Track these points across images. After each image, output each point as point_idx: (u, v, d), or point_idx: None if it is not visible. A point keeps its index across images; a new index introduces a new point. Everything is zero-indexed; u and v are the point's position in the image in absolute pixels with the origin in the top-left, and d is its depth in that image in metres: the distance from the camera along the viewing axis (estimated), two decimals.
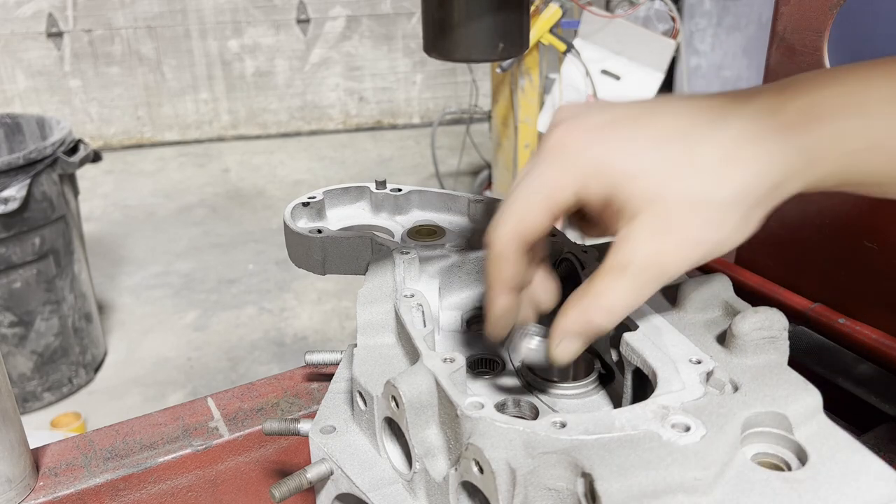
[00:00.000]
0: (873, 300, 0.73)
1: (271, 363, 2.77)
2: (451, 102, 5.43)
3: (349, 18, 5.27)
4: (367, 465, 0.52)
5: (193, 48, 5.10)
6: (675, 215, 0.41)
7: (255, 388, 0.74)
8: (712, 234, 0.41)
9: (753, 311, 0.50)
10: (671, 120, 0.43)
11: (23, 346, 2.45)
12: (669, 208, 0.41)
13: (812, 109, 0.41)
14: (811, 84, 0.43)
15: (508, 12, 0.43)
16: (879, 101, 0.41)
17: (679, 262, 0.42)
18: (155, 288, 3.34)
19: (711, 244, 0.42)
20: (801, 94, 0.42)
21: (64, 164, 2.35)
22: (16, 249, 2.31)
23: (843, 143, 0.41)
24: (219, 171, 4.77)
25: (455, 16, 0.42)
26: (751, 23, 4.25)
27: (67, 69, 4.94)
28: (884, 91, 0.41)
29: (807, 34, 0.75)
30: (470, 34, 0.47)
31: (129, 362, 2.81)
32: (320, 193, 0.77)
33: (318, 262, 0.70)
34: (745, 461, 0.42)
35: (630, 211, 0.41)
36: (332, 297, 3.19)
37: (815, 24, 0.73)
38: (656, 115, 0.43)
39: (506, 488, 0.42)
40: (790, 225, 0.81)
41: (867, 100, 0.41)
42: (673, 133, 0.42)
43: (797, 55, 0.76)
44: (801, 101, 0.42)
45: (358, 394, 0.54)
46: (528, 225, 0.44)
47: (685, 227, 0.41)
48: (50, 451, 0.66)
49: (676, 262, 0.42)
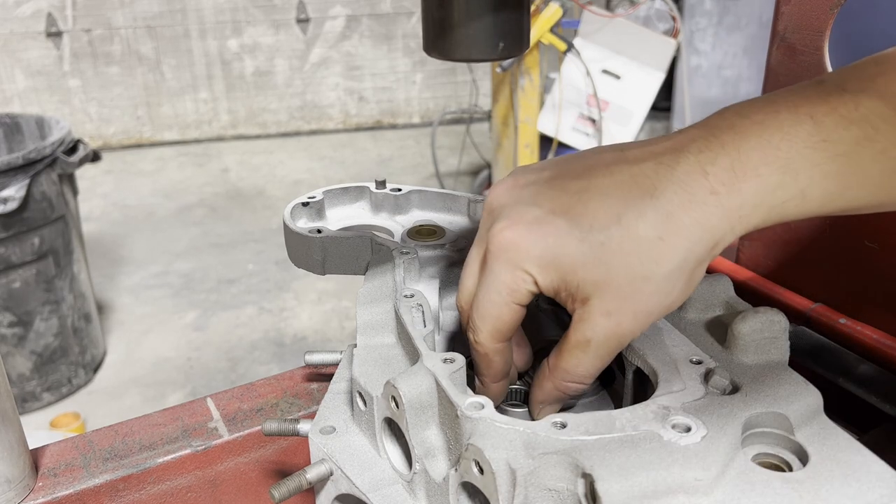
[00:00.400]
0: (874, 300, 0.73)
1: (271, 363, 2.77)
2: (451, 102, 5.43)
3: (349, 18, 5.27)
4: (366, 466, 0.52)
5: (193, 48, 5.10)
6: (622, 295, 0.44)
7: (254, 388, 0.74)
8: (660, 302, 0.44)
9: (754, 311, 0.50)
10: (603, 203, 0.44)
11: (22, 347, 2.45)
12: (616, 291, 0.44)
13: (737, 168, 0.42)
14: (735, 133, 0.43)
15: (509, 12, 0.43)
16: (800, 151, 0.41)
17: (635, 331, 0.45)
18: (154, 288, 3.34)
19: (662, 309, 0.45)
20: (726, 150, 0.42)
21: (63, 164, 2.35)
22: (15, 249, 2.31)
23: (770, 198, 0.42)
24: (218, 171, 4.77)
25: (455, 15, 0.42)
26: (751, 22, 4.25)
27: (67, 69, 4.94)
28: (803, 139, 0.41)
29: (807, 34, 0.74)
30: (470, 33, 0.47)
31: (129, 362, 2.81)
32: (320, 193, 0.76)
33: (318, 262, 0.70)
34: (745, 462, 0.42)
35: (582, 296, 0.45)
36: (331, 297, 3.19)
37: (815, 23, 0.73)
38: (588, 198, 0.45)
39: (506, 489, 0.42)
40: (791, 225, 0.81)
41: (789, 152, 0.41)
42: (607, 218, 0.44)
43: (798, 55, 0.76)
44: (727, 159, 0.42)
45: (358, 394, 0.54)
46: (503, 323, 0.48)
47: (634, 303, 0.44)
48: (49, 452, 0.66)
49: (632, 331, 0.45)
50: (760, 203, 0.42)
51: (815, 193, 0.42)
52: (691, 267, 0.44)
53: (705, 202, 0.42)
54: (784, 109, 0.42)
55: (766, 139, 0.42)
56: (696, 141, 0.44)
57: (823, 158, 0.41)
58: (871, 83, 0.42)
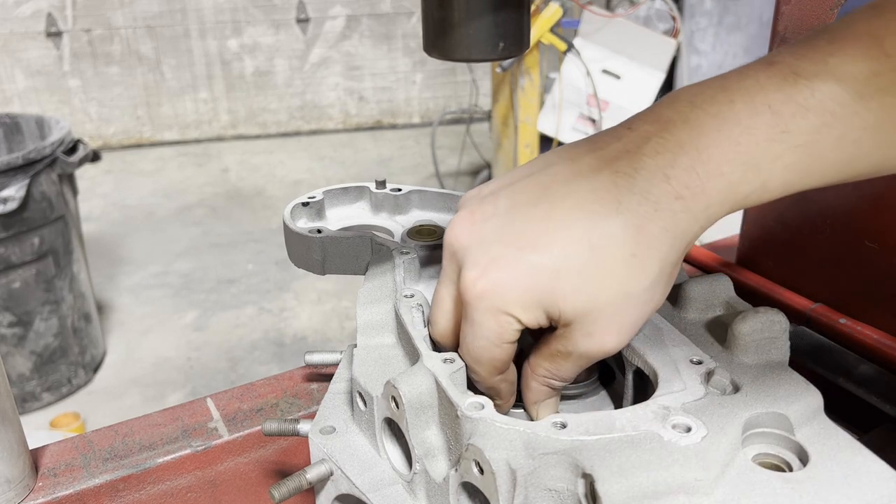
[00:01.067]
0: (874, 300, 0.73)
1: (271, 363, 2.77)
2: (451, 102, 5.43)
3: (349, 18, 5.27)
4: (366, 466, 0.52)
5: (193, 48, 5.10)
6: (604, 317, 0.44)
7: (254, 388, 0.74)
8: (643, 312, 0.45)
9: (754, 311, 0.50)
10: (570, 231, 0.43)
11: (22, 347, 2.44)
12: (597, 315, 0.44)
13: (698, 168, 0.41)
14: (691, 128, 0.41)
15: (509, 11, 0.43)
16: (759, 144, 0.41)
17: (619, 344, 0.46)
18: (154, 288, 3.34)
19: (645, 317, 0.45)
20: (684, 148, 0.41)
21: (63, 164, 2.35)
22: (15, 249, 2.31)
23: (734, 194, 0.42)
24: (218, 171, 4.77)
25: (455, 15, 0.42)
26: (752, 22, 4.25)
27: (67, 69, 4.94)
28: (763, 131, 0.40)
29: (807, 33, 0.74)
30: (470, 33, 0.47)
31: (129, 362, 2.81)
32: (320, 193, 0.76)
33: (318, 261, 0.70)
34: (745, 462, 0.42)
35: (564, 320, 0.45)
36: (331, 297, 3.19)
37: (815, 23, 0.73)
38: (554, 226, 0.43)
39: (506, 489, 0.42)
40: (791, 225, 0.81)
41: (748, 147, 0.41)
42: (577, 246, 0.43)
43: None
44: (686, 160, 0.41)
45: (358, 394, 0.54)
46: (499, 361, 0.48)
47: (617, 322, 0.44)
48: (49, 452, 0.66)
49: (617, 345, 0.45)
50: (725, 200, 0.42)
51: (776, 184, 0.42)
52: (668, 272, 0.44)
53: (672, 209, 0.41)
54: (739, 99, 0.41)
55: (726, 134, 0.41)
56: (650, 140, 0.42)
57: (783, 150, 0.41)
58: (823, 65, 0.40)
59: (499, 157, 3.76)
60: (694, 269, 0.89)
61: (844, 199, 0.74)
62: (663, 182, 0.41)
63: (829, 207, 0.76)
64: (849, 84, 0.40)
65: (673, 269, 0.44)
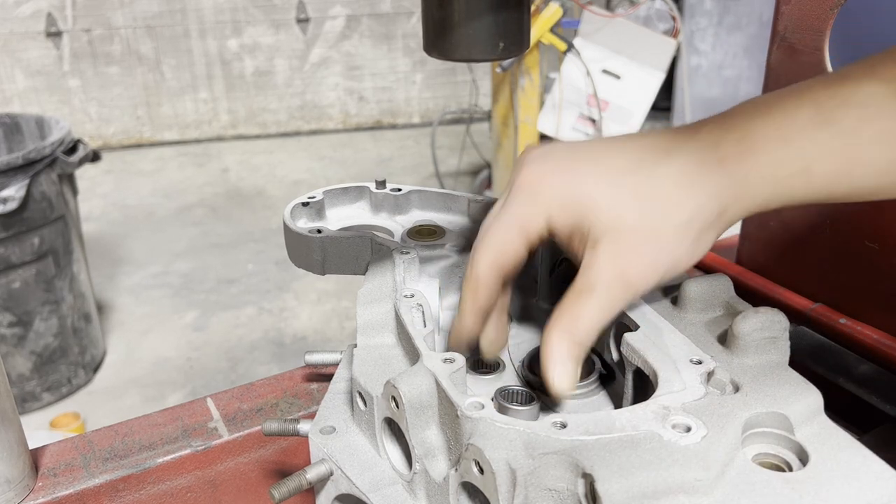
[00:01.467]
0: (874, 300, 0.73)
1: (271, 363, 2.77)
2: (451, 102, 5.43)
3: (349, 18, 5.27)
4: (366, 466, 0.52)
5: (193, 48, 5.10)
6: (632, 241, 0.46)
7: (254, 388, 0.74)
8: (667, 255, 0.46)
9: (754, 311, 0.50)
10: (625, 155, 0.48)
11: (22, 347, 2.44)
12: (627, 235, 0.46)
13: (744, 142, 0.45)
14: (746, 116, 0.46)
15: (509, 11, 0.43)
16: (802, 129, 0.44)
17: (638, 283, 0.47)
18: (154, 288, 3.34)
19: (668, 264, 0.47)
20: (735, 128, 0.46)
21: (63, 164, 2.35)
22: (15, 249, 2.31)
23: (773, 171, 0.45)
24: (218, 171, 4.77)
25: (455, 15, 0.42)
26: (752, 22, 4.25)
27: (66, 69, 4.94)
28: (806, 119, 0.44)
29: (807, 34, 0.74)
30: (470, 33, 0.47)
31: (129, 363, 2.81)
32: (320, 193, 0.76)
33: (318, 262, 0.70)
34: (745, 462, 0.42)
35: (592, 238, 0.46)
36: (331, 297, 3.19)
37: (815, 23, 0.73)
38: (612, 151, 0.48)
39: (506, 489, 0.42)
40: (791, 225, 0.81)
41: (791, 130, 0.44)
42: (627, 167, 0.47)
43: (798, 54, 0.76)
44: (736, 135, 0.46)
45: (358, 394, 0.54)
46: (506, 254, 0.49)
47: (642, 251, 0.46)
48: (49, 452, 0.66)
49: (636, 282, 0.47)
50: (766, 175, 0.45)
51: (820, 170, 0.44)
52: (698, 227, 0.46)
53: (713, 170, 0.45)
54: (789, 96, 0.46)
55: (770, 119, 0.45)
56: (710, 123, 0.48)
57: (825, 137, 0.44)
58: (871, 70, 0.44)
59: (499, 157, 3.75)
60: (694, 269, 0.89)
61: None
62: (711, 150, 0.46)
63: (829, 207, 0.76)
64: (893, 85, 0.43)
65: (702, 231, 0.46)
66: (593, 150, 0.49)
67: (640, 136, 0.49)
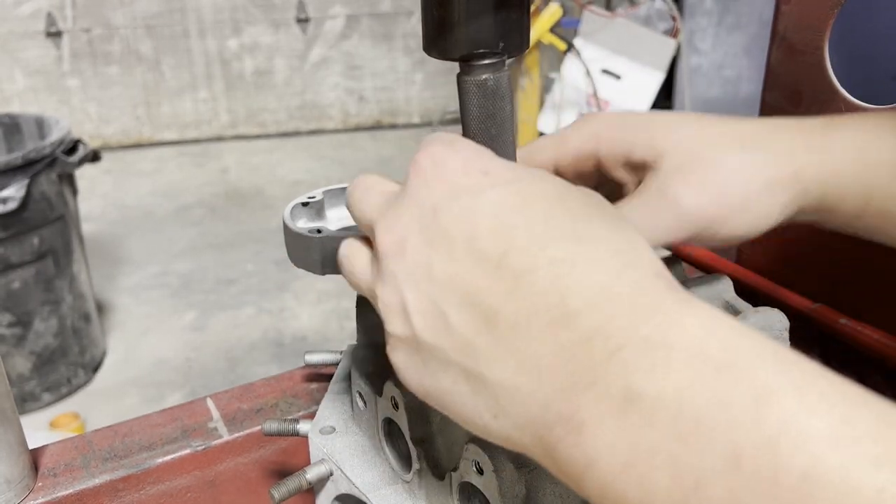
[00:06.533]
0: (875, 300, 0.73)
1: (270, 364, 2.77)
2: (451, 102, 5.42)
3: (349, 17, 5.27)
4: (366, 466, 0.52)
5: (192, 47, 5.10)
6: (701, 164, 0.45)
7: (254, 388, 0.74)
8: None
9: (754, 311, 0.50)
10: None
11: (21, 347, 2.44)
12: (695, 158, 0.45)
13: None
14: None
15: (509, 11, 0.43)
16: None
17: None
18: (153, 288, 3.34)
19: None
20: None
21: (63, 164, 2.35)
22: (14, 250, 2.31)
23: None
24: (217, 171, 4.77)
25: (455, 14, 0.42)
26: (752, 22, 4.25)
27: (66, 68, 4.94)
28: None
29: (807, 33, 0.74)
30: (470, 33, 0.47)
31: (128, 363, 2.81)
32: (320, 193, 0.76)
33: (318, 262, 0.70)
34: None
35: (651, 158, 0.46)
36: (331, 297, 3.19)
37: (815, 22, 0.73)
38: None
39: (507, 489, 0.41)
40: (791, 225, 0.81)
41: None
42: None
43: (798, 54, 0.76)
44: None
45: (357, 394, 0.54)
46: (536, 153, 0.49)
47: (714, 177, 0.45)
48: (49, 452, 0.66)
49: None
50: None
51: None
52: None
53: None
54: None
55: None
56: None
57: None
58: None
59: None
60: (694, 269, 0.89)
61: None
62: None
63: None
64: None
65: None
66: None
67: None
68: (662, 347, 0.26)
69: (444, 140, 0.37)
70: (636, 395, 0.25)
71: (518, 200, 0.32)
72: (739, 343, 0.25)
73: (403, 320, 0.34)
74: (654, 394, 0.25)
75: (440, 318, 0.32)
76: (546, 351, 0.28)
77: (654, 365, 0.25)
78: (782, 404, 0.23)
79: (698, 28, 4.26)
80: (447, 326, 0.32)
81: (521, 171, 0.34)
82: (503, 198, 0.32)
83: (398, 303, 0.34)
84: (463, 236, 0.32)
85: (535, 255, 0.30)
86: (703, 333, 0.26)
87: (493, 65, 0.43)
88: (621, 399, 0.25)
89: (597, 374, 0.26)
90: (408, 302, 0.34)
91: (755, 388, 0.23)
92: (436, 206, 0.33)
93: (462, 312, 0.31)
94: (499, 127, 0.44)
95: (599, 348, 0.27)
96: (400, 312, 0.34)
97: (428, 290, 0.33)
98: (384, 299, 0.35)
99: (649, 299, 0.27)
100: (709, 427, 0.23)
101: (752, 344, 0.25)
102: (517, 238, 0.31)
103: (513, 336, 0.30)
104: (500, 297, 0.30)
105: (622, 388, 0.26)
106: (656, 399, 0.25)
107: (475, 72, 0.43)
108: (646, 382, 0.25)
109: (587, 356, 0.27)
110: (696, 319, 0.26)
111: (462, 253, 0.32)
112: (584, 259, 0.29)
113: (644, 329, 0.26)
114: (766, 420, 0.23)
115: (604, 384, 0.26)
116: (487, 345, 0.30)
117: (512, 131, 0.45)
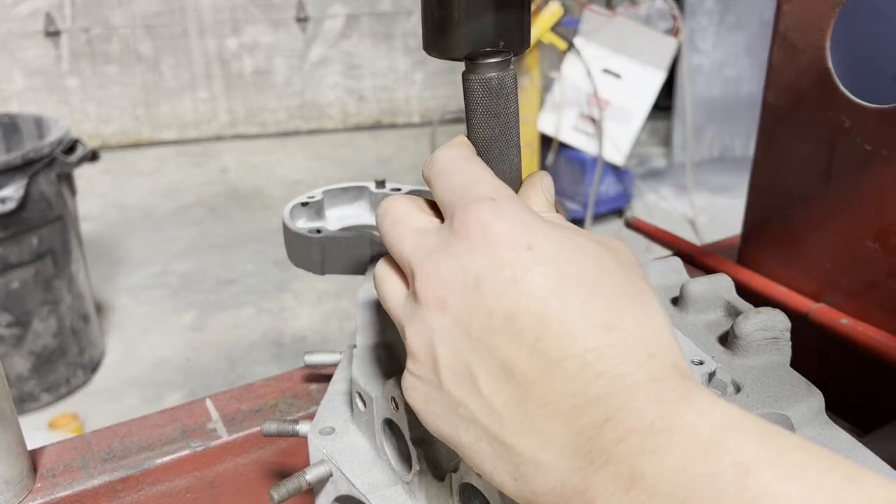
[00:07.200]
0: (876, 301, 0.73)
1: (270, 364, 2.77)
2: (452, 101, 5.43)
3: (348, 17, 5.27)
4: (366, 467, 0.52)
5: (192, 47, 5.09)
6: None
7: (253, 389, 0.74)
8: None
9: (755, 311, 0.50)
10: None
11: (20, 347, 2.44)
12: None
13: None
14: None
15: (509, 10, 0.43)
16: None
17: None
18: (153, 288, 3.33)
19: None
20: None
21: (62, 164, 2.35)
22: (13, 250, 2.31)
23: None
24: (217, 171, 4.77)
25: (455, 14, 0.42)
26: (753, 21, 4.25)
27: (65, 68, 4.93)
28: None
29: (809, 32, 0.74)
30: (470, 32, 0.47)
31: (127, 363, 2.81)
32: (319, 193, 0.76)
33: (317, 262, 0.70)
34: None
35: None
36: (331, 297, 3.19)
37: (816, 22, 0.73)
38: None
39: None
40: (791, 225, 0.81)
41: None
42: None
43: (799, 53, 0.76)
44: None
45: (357, 395, 0.53)
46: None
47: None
48: (48, 453, 0.65)
49: None
50: None
51: None
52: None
53: None
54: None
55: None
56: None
57: None
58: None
59: None
60: (695, 270, 0.89)
61: (845, 199, 0.74)
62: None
63: (829, 207, 0.76)
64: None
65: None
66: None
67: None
68: (664, 432, 0.30)
69: (489, 203, 0.37)
70: (640, 475, 0.29)
71: (557, 284, 0.34)
72: (728, 424, 0.29)
73: (431, 369, 0.37)
74: (654, 473, 0.29)
75: (469, 379, 0.35)
76: (568, 432, 0.32)
77: (656, 447, 0.29)
78: (761, 474, 0.27)
79: (699, 27, 4.25)
80: (475, 388, 0.35)
81: (564, 246, 0.35)
82: (543, 280, 0.34)
83: (429, 352, 0.37)
84: (503, 312, 0.34)
85: (568, 346, 0.33)
86: (698, 418, 0.30)
87: (499, 63, 0.43)
88: (627, 478, 0.29)
89: (609, 456, 0.30)
90: (439, 356, 0.36)
91: (738, 463, 0.28)
92: (479, 275, 0.35)
93: (495, 381, 0.34)
94: (503, 126, 0.44)
95: (611, 433, 0.31)
96: (429, 361, 0.37)
97: (462, 350, 0.35)
98: (415, 343, 0.38)
99: (661, 389, 0.31)
100: (699, 497, 0.27)
101: (739, 424, 0.29)
102: (552, 328, 0.33)
103: (539, 415, 0.33)
104: (533, 377, 0.33)
105: (629, 467, 0.30)
106: (656, 476, 0.29)
107: (480, 70, 0.43)
108: (649, 464, 0.29)
109: (602, 439, 0.31)
110: (695, 406, 0.30)
111: (500, 326, 0.34)
112: (610, 350, 0.32)
113: (651, 415, 0.30)
114: (748, 488, 0.27)
115: (614, 465, 0.30)
116: (514, 418, 0.33)
117: (517, 130, 0.45)
